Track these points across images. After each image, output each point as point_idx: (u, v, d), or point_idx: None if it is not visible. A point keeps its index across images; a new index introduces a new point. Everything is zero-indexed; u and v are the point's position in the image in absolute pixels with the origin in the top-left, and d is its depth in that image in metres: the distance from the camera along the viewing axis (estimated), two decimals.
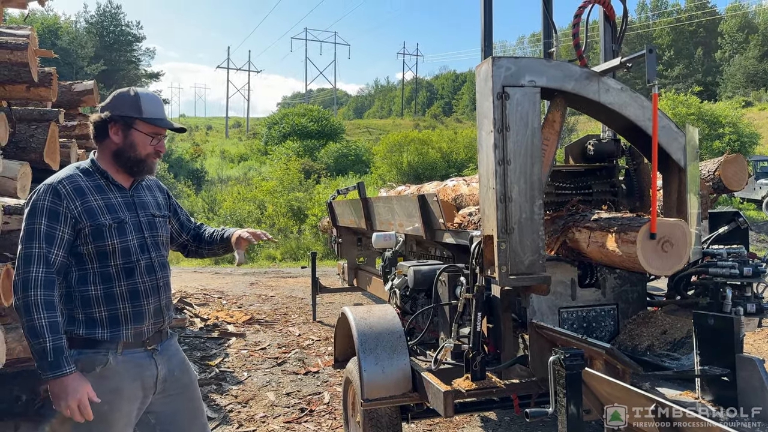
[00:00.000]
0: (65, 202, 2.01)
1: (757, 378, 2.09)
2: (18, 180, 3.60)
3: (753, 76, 47.53)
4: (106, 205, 2.08)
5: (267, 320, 7.47)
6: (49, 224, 1.98)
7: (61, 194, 2.01)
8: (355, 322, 3.02)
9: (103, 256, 2.06)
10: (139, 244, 2.13)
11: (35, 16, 32.48)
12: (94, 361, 2.03)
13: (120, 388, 2.04)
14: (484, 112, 2.61)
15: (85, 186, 2.07)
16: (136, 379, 2.09)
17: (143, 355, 2.12)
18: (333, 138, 33.90)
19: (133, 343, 2.10)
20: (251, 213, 18.72)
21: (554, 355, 1.93)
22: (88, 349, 2.04)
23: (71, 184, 2.05)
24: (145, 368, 2.12)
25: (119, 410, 2.04)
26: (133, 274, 2.10)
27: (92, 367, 2.02)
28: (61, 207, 2.00)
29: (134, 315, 2.08)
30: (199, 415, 2.33)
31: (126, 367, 2.07)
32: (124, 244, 2.08)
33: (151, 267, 2.15)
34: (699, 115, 21.70)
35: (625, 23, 3.16)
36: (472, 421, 4.14)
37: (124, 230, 2.09)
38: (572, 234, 2.88)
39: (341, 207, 6.89)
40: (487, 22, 3.55)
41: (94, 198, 2.07)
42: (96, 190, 2.09)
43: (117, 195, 2.14)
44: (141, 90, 2.18)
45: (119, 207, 2.12)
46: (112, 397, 2.02)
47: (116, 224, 2.07)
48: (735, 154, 3.39)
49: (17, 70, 3.66)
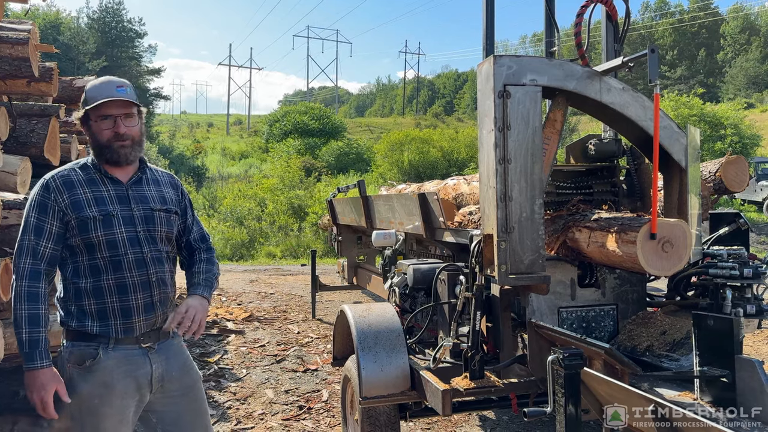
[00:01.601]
0: (53, 195, 2.07)
1: (756, 380, 2.08)
2: (18, 175, 3.60)
3: (754, 78, 47.50)
4: (94, 198, 2.09)
5: (266, 317, 7.47)
6: (38, 217, 2.05)
7: (50, 188, 2.08)
8: (354, 320, 3.02)
9: (91, 248, 2.07)
10: (129, 237, 2.10)
11: (37, 11, 32.47)
12: (84, 355, 2.05)
13: (110, 382, 2.04)
14: (485, 111, 2.60)
15: (77, 180, 2.11)
16: (128, 376, 2.08)
17: (137, 352, 2.11)
18: (334, 136, 33.92)
19: (124, 339, 2.09)
20: (252, 210, 18.72)
21: (553, 354, 1.93)
22: (80, 341, 2.07)
23: (61, 178, 2.10)
24: (138, 366, 2.10)
25: (110, 405, 2.04)
26: (121, 267, 2.08)
27: (82, 360, 2.04)
28: (50, 200, 2.07)
29: (122, 309, 2.07)
30: (202, 416, 2.31)
31: (117, 363, 2.06)
32: (110, 236, 2.07)
33: (142, 261, 2.11)
34: (701, 116, 21.70)
35: (627, 23, 3.15)
36: (471, 420, 4.14)
37: (110, 223, 2.08)
38: (572, 234, 2.87)
39: (341, 205, 6.89)
40: (489, 21, 3.55)
41: (83, 191, 2.09)
42: (87, 184, 2.11)
43: (110, 188, 2.14)
44: (94, 80, 2.21)
45: (109, 200, 2.11)
46: (102, 390, 2.03)
47: (102, 217, 2.07)
48: (736, 156, 3.38)
49: (18, 64, 3.65)
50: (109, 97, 2.08)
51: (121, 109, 2.11)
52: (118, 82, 2.15)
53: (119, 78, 2.21)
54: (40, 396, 1.95)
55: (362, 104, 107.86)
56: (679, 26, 54.00)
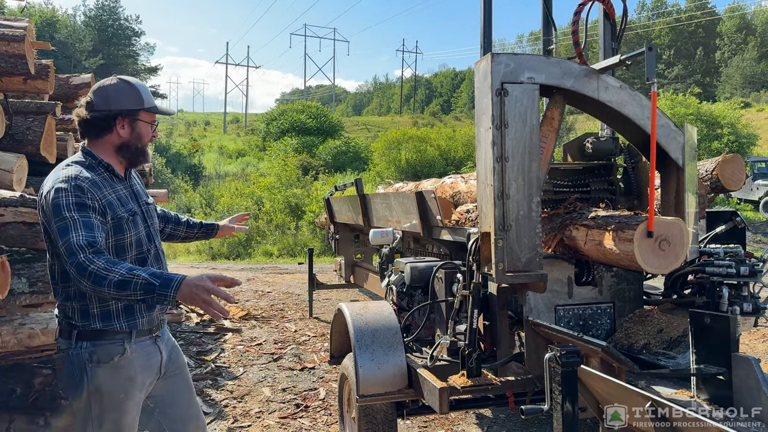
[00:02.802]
0: (89, 194, 1.94)
1: (752, 377, 2.09)
2: (14, 172, 3.59)
3: (751, 78, 47.62)
4: (118, 198, 2.07)
5: (263, 316, 7.46)
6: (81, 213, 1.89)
7: (83, 188, 1.94)
8: (351, 318, 3.02)
9: (121, 249, 2.04)
10: (146, 233, 2.15)
11: (33, 9, 32.35)
12: (112, 352, 2.02)
13: (134, 376, 2.06)
14: (482, 109, 2.60)
15: (97, 180, 2.02)
16: (147, 368, 2.11)
17: (149, 342, 2.14)
18: (331, 134, 33.91)
19: (143, 331, 2.11)
20: (249, 209, 18.69)
21: (550, 352, 1.93)
22: (102, 340, 2.02)
23: (86, 180, 1.97)
24: (152, 355, 2.15)
25: (133, 399, 2.07)
26: (146, 263, 2.11)
27: (110, 358, 2.02)
28: (88, 198, 1.93)
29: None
30: (192, 391, 2.38)
31: (138, 356, 2.08)
32: (137, 235, 2.09)
33: (158, 255, 2.19)
34: (697, 115, 21.74)
35: (624, 21, 3.15)
36: (468, 418, 4.14)
37: (136, 221, 2.09)
38: (569, 232, 2.87)
39: (339, 203, 6.88)
40: (486, 20, 3.54)
41: (107, 192, 2.03)
42: (106, 184, 2.05)
43: (121, 187, 2.13)
44: (132, 79, 2.17)
45: (128, 198, 2.12)
46: (128, 385, 2.04)
47: (131, 216, 2.08)
48: (733, 154, 3.39)
49: (14, 61, 3.64)
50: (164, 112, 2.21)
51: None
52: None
53: None
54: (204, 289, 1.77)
55: (359, 103, 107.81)
56: (676, 25, 54.08)
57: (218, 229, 2.73)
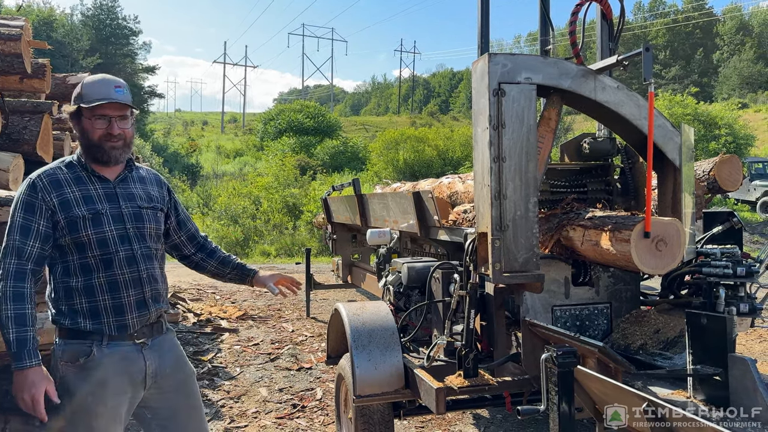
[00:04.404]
0: (41, 195, 2.03)
1: (749, 378, 2.09)
2: (10, 172, 3.58)
3: (748, 79, 47.72)
4: (83, 197, 2.07)
5: (260, 316, 7.46)
6: (25, 216, 2.01)
7: (37, 187, 2.04)
8: (348, 319, 3.02)
9: (81, 247, 2.05)
10: (119, 234, 2.10)
11: (30, 7, 32.29)
12: (78, 352, 2.03)
13: (104, 380, 2.03)
14: (479, 109, 2.60)
15: (63, 178, 2.08)
16: (122, 373, 2.07)
17: (131, 348, 2.11)
18: (329, 134, 33.91)
19: (118, 336, 2.08)
20: (246, 208, 18.68)
21: (547, 352, 1.93)
22: (73, 339, 2.05)
23: (48, 177, 2.07)
24: (132, 362, 2.10)
25: (104, 403, 2.03)
26: (111, 265, 2.08)
27: (76, 358, 2.03)
28: (37, 200, 2.03)
29: (114, 307, 2.07)
30: (197, 410, 2.34)
31: (111, 360, 2.05)
32: (100, 235, 2.06)
33: (132, 258, 2.12)
34: (695, 115, 21.80)
35: (622, 21, 3.15)
36: (464, 419, 4.14)
37: (99, 221, 2.07)
38: (566, 232, 2.87)
39: (336, 203, 6.88)
40: (484, 20, 3.55)
41: (71, 190, 2.07)
42: (75, 182, 2.09)
43: (98, 186, 2.12)
44: (90, 76, 2.18)
45: (98, 198, 2.10)
46: (96, 388, 2.02)
47: (91, 215, 2.06)
48: (730, 155, 3.39)
49: (10, 60, 3.63)
50: (108, 99, 2.06)
51: (117, 110, 2.10)
52: (115, 82, 2.13)
53: (116, 78, 2.20)
54: (30, 394, 1.91)
55: (357, 103, 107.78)
56: (674, 26, 54.17)
57: (254, 278, 2.52)
